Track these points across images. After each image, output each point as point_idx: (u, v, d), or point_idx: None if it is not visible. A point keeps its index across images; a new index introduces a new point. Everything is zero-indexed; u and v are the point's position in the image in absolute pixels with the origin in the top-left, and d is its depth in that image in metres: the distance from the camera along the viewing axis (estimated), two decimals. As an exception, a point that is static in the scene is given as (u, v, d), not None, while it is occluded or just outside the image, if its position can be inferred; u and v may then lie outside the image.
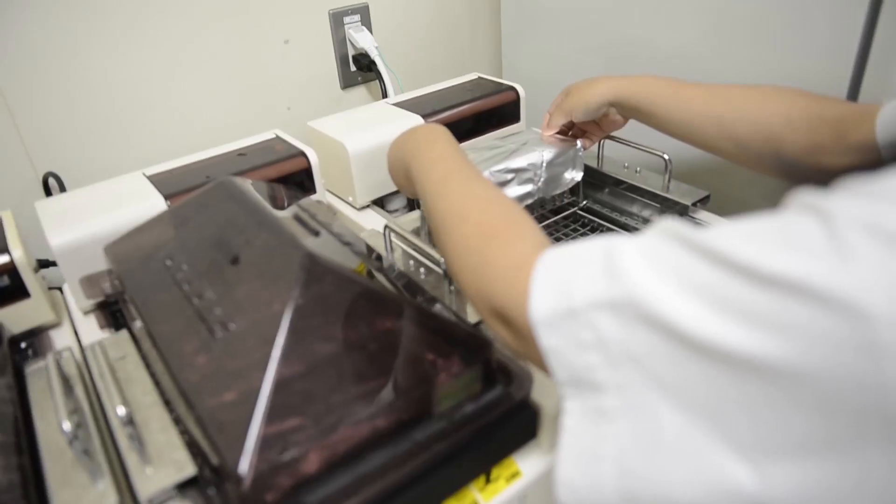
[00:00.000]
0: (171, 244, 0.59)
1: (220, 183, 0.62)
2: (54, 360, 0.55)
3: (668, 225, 0.34)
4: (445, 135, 0.63)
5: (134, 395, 0.54)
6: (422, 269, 0.72)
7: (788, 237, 0.28)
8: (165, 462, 0.48)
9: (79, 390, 0.56)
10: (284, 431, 0.43)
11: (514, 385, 0.52)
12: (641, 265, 0.32)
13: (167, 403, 0.54)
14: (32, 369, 0.60)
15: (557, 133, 0.83)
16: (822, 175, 0.29)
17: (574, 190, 0.91)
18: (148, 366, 0.58)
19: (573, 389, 0.35)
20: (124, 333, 0.63)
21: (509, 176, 0.80)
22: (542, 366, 0.37)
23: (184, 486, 0.48)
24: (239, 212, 0.57)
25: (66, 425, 0.46)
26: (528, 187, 0.82)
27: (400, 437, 0.48)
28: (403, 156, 0.64)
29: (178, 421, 0.52)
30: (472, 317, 0.62)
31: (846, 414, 0.26)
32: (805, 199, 0.30)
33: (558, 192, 0.86)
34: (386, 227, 0.73)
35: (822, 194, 0.29)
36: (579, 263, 0.36)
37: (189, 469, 0.48)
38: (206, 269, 0.53)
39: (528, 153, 0.81)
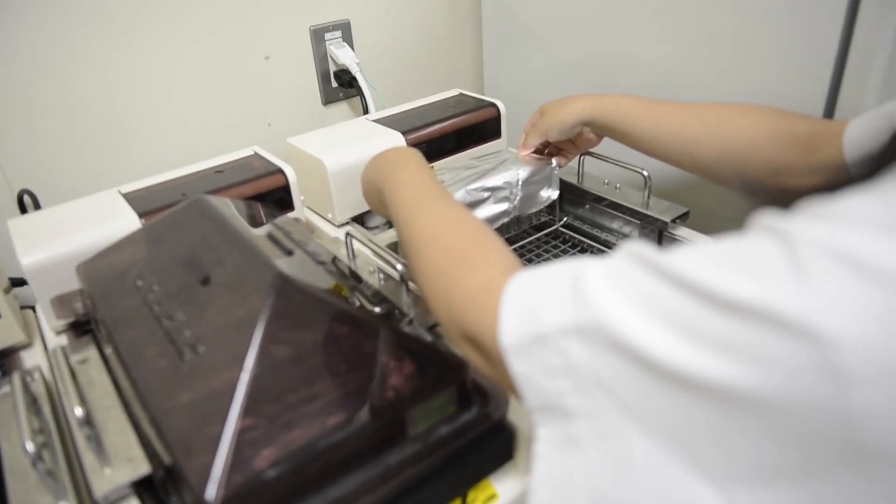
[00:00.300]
0: (143, 263, 0.59)
1: (193, 201, 0.61)
2: (21, 379, 0.54)
3: (633, 248, 0.34)
4: (416, 157, 0.63)
5: (94, 397, 0.54)
6: (381, 275, 0.72)
7: (749, 261, 0.28)
8: (121, 460, 0.48)
9: (46, 410, 0.55)
10: (253, 457, 0.42)
11: (489, 406, 0.52)
12: (607, 290, 0.32)
13: (126, 406, 0.53)
14: (1, 392, 0.59)
15: (533, 152, 0.84)
16: (789, 195, 0.29)
17: (552, 207, 0.91)
18: (119, 391, 0.57)
19: (545, 416, 0.35)
20: (87, 337, 0.62)
21: (485, 194, 0.80)
22: (515, 391, 0.37)
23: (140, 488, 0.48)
24: (211, 231, 0.56)
25: (30, 446, 0.46)
26: (504, 206, 0.82)
27: (373, 461, 0.47)
28: (376, 178, 0.65)
29: (136, 424, 0.51)
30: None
31: (814, 439, 0.25)
32: (767, 221, 0.30)
33: (534, 210, 0.86)
34: (347, 233, 0.75)
35: (783, 217, 0.29)
36: (547, 288, 0.36)
37: (144, 468, 0.48)
38: (177, 290, 0.52)
39: (503, 172, 0.82)
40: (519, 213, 0.84)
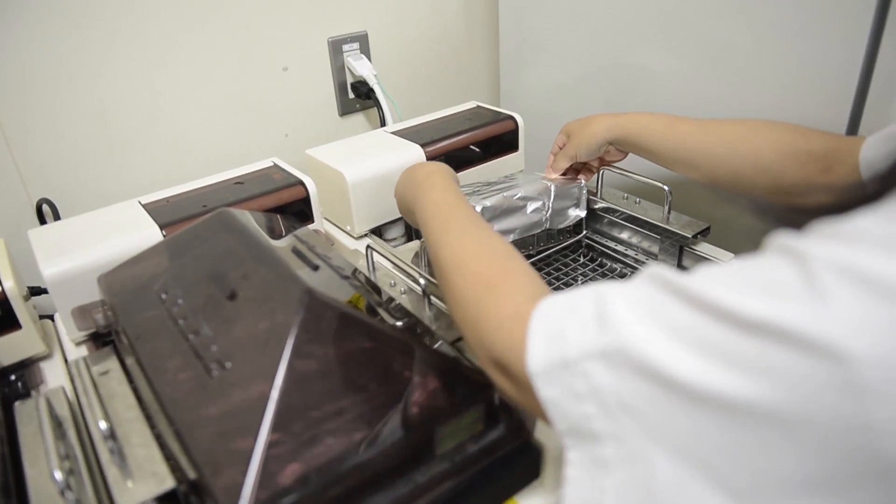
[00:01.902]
0: (167, 276, 0.58)
1: (217, 214, 0.61)
2: (45, 401, 0.54)
3: (654, 272, 0.35)
4: (443, 178, 0.64)
5: (116, 410, 0.53)
6: (402, 289, 0.71)
7: (767, 280, 0.29)
8: (145, 475, 0.47)
9: (71, 434, 0.54)
10: (283, 476, 0.42)
11: (516, 424, 0.51)
12: (630, 313, 0.33)
13: (149, 419, 0.53)
14: (21, 406, 0.58)
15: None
16: (802, 215, 0.30)
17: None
18: (141, 403, 0.56)
19: (573, 440, 0.35)
20: (108, 348, 0.62)
21: (521, 203, 0.83)
22: (544, 416, 0.37)
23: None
24: (236, 245, 0.56)
25: (59, 475, 0.45)
26: (539, 216, 0.85)
27: (401, 479, 0.46)
28: (406, 198, 0.67)
29: (159, 436, 0.51)
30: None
31: (836, 455, 0.26)
32: (783, 241, 0.30)
33: (563, 225, 0.88)
34: (368, 246, 0.74)
35: (798, 237, 0.30)
36: (572, 313, 0.36)
37: (169, 482, 0.47)
38: (203, 304, 0.52)
39: (535, 184, 0.85)
40: (550, 225, 0.86)
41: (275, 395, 0.41)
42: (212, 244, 0.58)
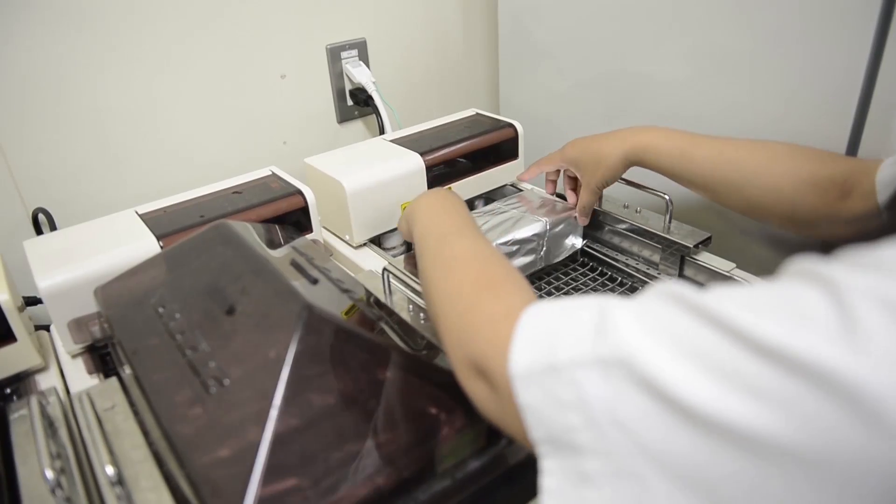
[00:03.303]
0: (164, 290, 0.58)
1: (215, 226, 0.60)
2: (38, 402, 0.53)
3: (666, 287, 0.33)
4: (454, 204, 0.63)
5: (122, 448, 0.52)
6: (422, 315, 0.70)
7: (794, 308, 0.27)
8: None
9: (63, 433, 0.54)
10: (282, 493, 0.41)
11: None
12: (636, 326, 0.31)
13: (157, 456, 0.51)
14: (16, 416, 0.57)
15: (550, 179, 0.88)
16: (819, 244, 0.28)
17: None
18: (137, 415, 0.56)
19: (550, 447, 0.34)
20: (113, 381, 0.61)
21: (514, 248, 0.83)
22: (515, 428, 0.36)
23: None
24: (234, 258, 0.55)
25: (49, 473, 0.45)
26: (531, 257, 0.86)
27: (402, 497, 0.46)
28: (409, 219, 0.65)
29: (168, 477, 0.50)
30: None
31: (858, 492, 0.24)
32: (809, 266, 0.28)
33: (559, 259, 0.89)
34: (385, 269, 0.71)
35: (826, 263, 0.28)
36: (568, 319, 0.35)
37: None
38: (201, 319, 0.51)
39: (532, 223, 0.85)
40: (545, 263, 0.87)
41: (273, 413, 0.41)
42: (210, 257, 0.58)
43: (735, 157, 0.68)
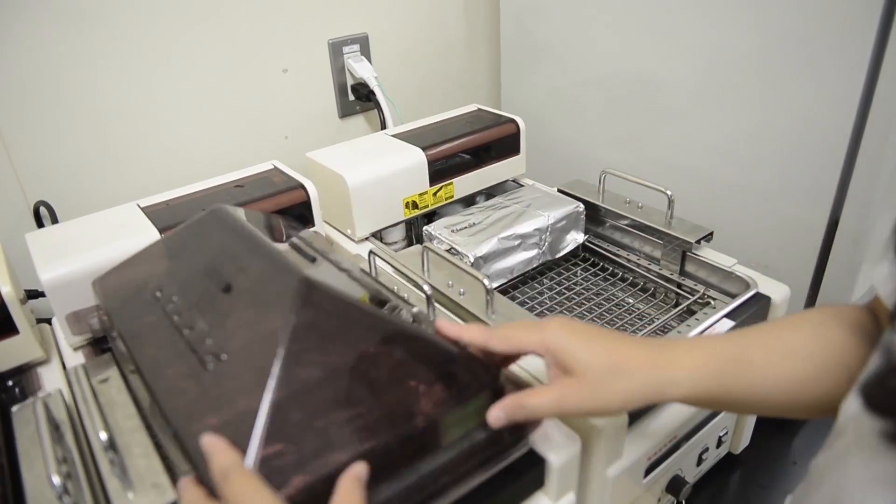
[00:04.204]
0: (161, 275, 0.57)
1: (211, 211, 0.60)
2: (43, 404, 0.53)
3: None
4: None
5: (115, 418, 0.52)
6: (405, 295, 0.71)
7: None
8: (146, 487, 0.47)
9: (69, 437, 0.54)
10: (281, 466, 0.41)
11: (520, 432, 0.50)
12: None
13: (150, 429, 0.52)
14: (19, 410, 0.57)
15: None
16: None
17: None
18: (132, 391, 0.56)
19: None
20: (108, 356, 0.61)
21: (516, 242, 0.83)
22: None
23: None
24: (232, 240, 0.55)
25: (56, 479, 0.44)
26: (534, 251, 0.86)
27: (407, 470, 0.45)
28: None
29: (159, 446, 0.50)
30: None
31: None
32: None
33: (562, 254, 0.89)
34: (371, 252, 0.73)
35: None
36: None
37: (170, 494, 0.46)
38: (198, 299, 0.51)
39: (534, 218, 0.85)
40: (548, 256, 0.87)
41: (271, 383, 0.40)
42: (206, 240, 0.57)
43: (774, 391, 0.48)
